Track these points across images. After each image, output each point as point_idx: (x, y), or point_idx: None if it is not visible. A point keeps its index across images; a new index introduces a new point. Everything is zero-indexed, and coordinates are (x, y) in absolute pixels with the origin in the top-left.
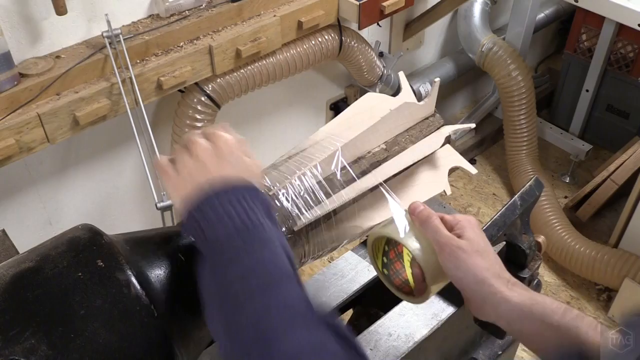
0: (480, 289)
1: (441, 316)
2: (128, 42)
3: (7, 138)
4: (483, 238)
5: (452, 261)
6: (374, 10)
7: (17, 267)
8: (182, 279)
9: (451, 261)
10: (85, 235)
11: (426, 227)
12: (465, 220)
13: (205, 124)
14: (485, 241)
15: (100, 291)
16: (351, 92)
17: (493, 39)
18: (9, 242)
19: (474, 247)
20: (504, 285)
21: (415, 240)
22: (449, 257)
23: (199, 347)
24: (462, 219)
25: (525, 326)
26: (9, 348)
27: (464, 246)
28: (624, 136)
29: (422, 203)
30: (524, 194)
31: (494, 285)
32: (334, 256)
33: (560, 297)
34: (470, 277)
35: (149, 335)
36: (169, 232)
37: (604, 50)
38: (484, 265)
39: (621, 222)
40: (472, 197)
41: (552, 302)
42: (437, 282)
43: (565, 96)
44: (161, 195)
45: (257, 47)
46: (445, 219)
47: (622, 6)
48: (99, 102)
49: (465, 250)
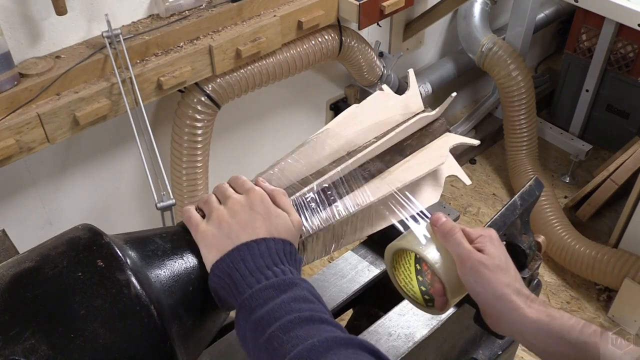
0: (499, 304)
1: (441, 316)
2: (128, 42)
3: (7, 138)
4: (504, 253)
5: (472, 275)
6: (374, 10)
7: (17, 267)
8: (183, 279)
9: (472, 275)
10: (85, 235)
11: (448, 239)
12: (486, 235)
13: (206, 124)
14: (506, 256)
15: (100, 291)
16: (351, 92)
17: (493, 39)
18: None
19: (495, 262)
20: (523, 302)
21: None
22: (470, 272)
23: (199, 347)
24: (484, 232)
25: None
26: (9, 348)
27: (485, 261)
28: (624, 136)
29: (444, 214)
30: (524, 194)
31: (513, 301)
32: (334, 256)
33: (560, 297)
34: (490, 292)
35: (149, 335)
36: (169, 232)
37: (604, 50)
38: (505, 281)
39: (621, 222)
40: (472, 197)
41: (570, 318)
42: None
43: (565, 96)
44: (161, 195)
45: (257, 47)
46: (466, 232)
47: (622, 6)
48: (99, 102)
49: (487, 265)
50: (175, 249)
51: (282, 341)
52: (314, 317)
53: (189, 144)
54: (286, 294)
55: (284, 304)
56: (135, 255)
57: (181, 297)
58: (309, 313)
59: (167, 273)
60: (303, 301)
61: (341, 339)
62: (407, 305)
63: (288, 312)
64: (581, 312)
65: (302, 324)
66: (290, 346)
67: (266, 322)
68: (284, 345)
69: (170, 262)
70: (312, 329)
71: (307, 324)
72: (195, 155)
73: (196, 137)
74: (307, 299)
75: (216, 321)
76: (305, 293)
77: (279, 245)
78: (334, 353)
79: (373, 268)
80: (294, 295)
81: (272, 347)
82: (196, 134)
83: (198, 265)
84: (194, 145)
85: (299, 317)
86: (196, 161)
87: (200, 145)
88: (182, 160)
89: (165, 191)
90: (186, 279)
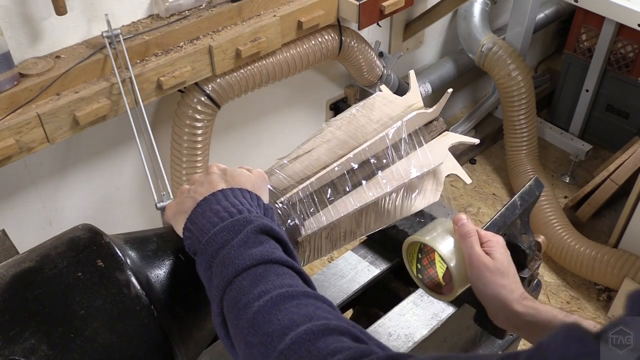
0: (495, 302)
1: (441, 316)
2: (128, 42)
3: (7, 138)
4: (508, 258)
5: (477, 275)
6: (373, 10)
7: (17, 267)
8: (182, 279)
9: (476, 275)
10: (85, 235)
11: (463, 240)
12: (495, 240)
13: (205, 124)
14: (509, 260)
15: (100, 291)
16: (351, 92)
17: (493, 39)
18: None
19: (497, 266)
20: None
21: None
22: (476, 272)
23: (199, 347)
24: (493, 238)
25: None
26: (9, 348)
27: (489, 264)
28: (624, 136)
29: (466, 217)
30: (524, 194)
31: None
32: (334, 256)
33: (560, 297)
34: (489, 291)
35: (149, 335)
36: (168, 232)
37: (604, 50)
38: (502, 283)
39: (621, 222)
40: (472, 197)
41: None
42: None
43: (565, 96)
44: (161, 195)
45: (257, 47)
46: (480, 234)
47: (622, 6)
48: (99, 102)
49: (489, 268)
50: (175, 249)
51: (234, 298)
52: (266, 258)
53: (188, 144)
54: (239, 237)
55: (233, 250)
56: (135, 255)
57: (181, 297)
58: (259, 257)
59: (167, 273)
60: (256, 244)
61: (292, 293)
62: (407, 305)
63: (239, 258)
64: (581, 312)
65: (254, 278)
66: (242, 307)
67: (220, 274)
68: (235, 305)
69: (170, 262)
70: (264, 278)
71: (259, 279)
72: (195, 155)
73: (196, 137)
74: (260, 242)
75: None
76: (258, 229)
77: (237, 192)
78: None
79: (373, 268)
80: (245, 238)
81: (228, 305)
82: (196, 133)
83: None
84: (194, 145)
85: (252, 267)
86: (196, 161)
87: (200, 145)
88: (182, 160)
89: (165, 191)
90: (186, 278)
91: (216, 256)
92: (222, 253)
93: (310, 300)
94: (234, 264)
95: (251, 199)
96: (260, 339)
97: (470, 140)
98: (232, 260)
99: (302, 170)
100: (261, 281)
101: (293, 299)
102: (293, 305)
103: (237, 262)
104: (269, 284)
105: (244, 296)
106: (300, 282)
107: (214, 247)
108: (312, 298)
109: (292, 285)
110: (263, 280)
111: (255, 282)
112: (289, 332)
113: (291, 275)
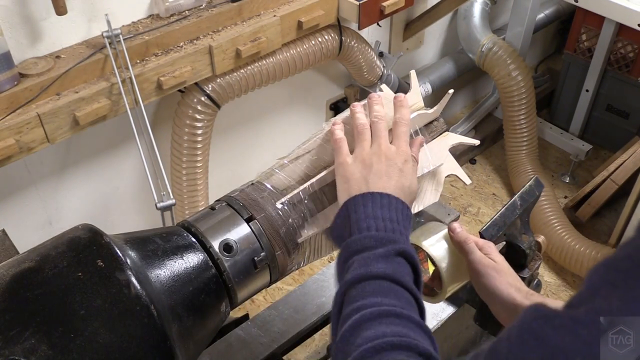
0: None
1: (441, 316)
2: (128, 42)
3: (7, 138)
4: (504, 260)
5: (483, 276)
6: (374, 10)
7: (17, 267)
8: (182, 279)
9: (482, 276)
10: (85, 235)
11: (462, 246)
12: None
13: (206, 124)
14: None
15: (100, 291)
16: (351, 92)
17: (493, 39)
18: (9, 242)
19: (500, 267)
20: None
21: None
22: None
23: (199, 347)
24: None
25: None
26: (9, 348)
27: (494, 266)
28: (624, 136)
29: (459, 224)
30: (524, 194)
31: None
32: (334, 256)
33: (560, 297)
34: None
35: (149, 335)
36: (168, 232)
37: (604, 50)
38: (509, 281)
39: (621, 222)
40: (472, 197)
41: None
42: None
43: (565, 96)
44: (161, 195)
45: (257, 47)
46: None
47: (622, 6)
48: (99, 102)
49: (495, 268)
50: (175, 249)
51: (353, 297)
52: (395, 278)
53: (189, 144)
54: (381, 249)
55: (372, 256)
56: (135, 255)
57: (181, 297)
58: (391, 273)
59: (167, 273)
60: (393, 263)
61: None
62: None
63: (375, 266)
64: None
65: (377, 288)
66: (355, 308)
67: (353, 271)
68: (352, 303)
69: (170, 262)
70: (383, 292)
71: (380, 291)
72: (195, 155)
73: (196, 137)
74: (397, 263)
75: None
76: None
77: (399, 205)
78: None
79: None
80: (386, 253)
81: (347, 299)
82: (196, 134)
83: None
84: (194, 145)
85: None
86: (196, 161)
87: (200, 145)
88: (182, 160)
89: (165, 191)
90: (186, 279)
91: (356, 254)
92: (363, 255)
93: (412, 324)
94: (367, 268)
95: (402, 214)
96: (355, 340)
97: (470, 141)
98: (367, 264)
99: (303, 170)
100: (381, 294)
101: (397, 317)
102: (394, 323)
103: (371, 269)
104: (386, 300)
105: (361, 300)
106: (415, 310)
107: (358, 247)
108: (414, 324)
109: (405, 308)
110: (383, 294)
111: (376, 292)
112: (374, 341)
113: (408, 301)
